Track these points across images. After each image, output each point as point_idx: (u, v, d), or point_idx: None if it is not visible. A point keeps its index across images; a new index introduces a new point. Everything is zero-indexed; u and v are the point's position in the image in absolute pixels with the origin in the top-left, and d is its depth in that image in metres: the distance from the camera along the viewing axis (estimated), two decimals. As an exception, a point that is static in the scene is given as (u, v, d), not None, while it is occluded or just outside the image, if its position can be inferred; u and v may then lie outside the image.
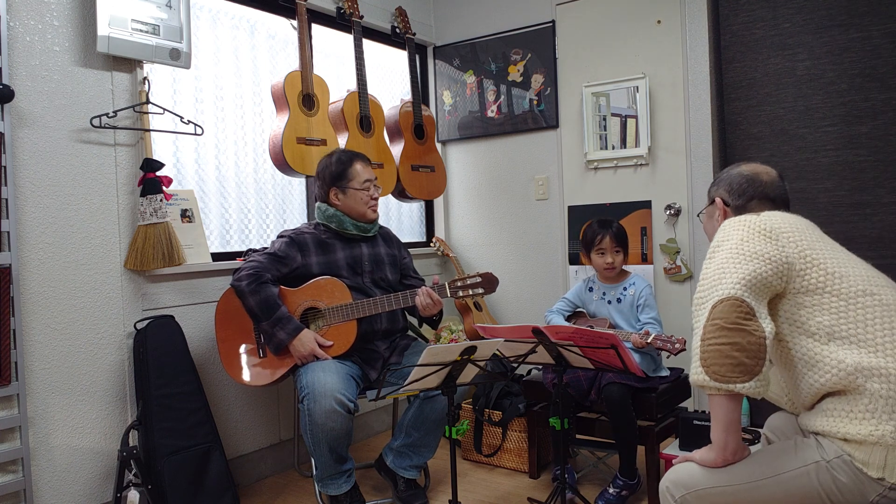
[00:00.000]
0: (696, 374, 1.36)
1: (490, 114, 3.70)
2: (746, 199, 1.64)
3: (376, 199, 2.58)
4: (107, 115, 2.34)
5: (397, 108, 3.41)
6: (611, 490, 2.46)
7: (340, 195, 2.54)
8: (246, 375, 2.43)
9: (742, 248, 1.42)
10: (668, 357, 2.53)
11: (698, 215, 1.85)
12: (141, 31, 2.35)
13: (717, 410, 1.37)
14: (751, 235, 1.45)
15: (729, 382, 1.31)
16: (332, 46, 3.41)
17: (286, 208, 3.23)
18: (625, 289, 2.65)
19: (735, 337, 1.32)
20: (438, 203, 3.98)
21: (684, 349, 2.39)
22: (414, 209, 3.98)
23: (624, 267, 2.71)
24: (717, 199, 1.69)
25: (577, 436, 2.64)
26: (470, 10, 3.75)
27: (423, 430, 2.44)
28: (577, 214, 3.43)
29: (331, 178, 2.54)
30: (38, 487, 2.19)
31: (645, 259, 3.23)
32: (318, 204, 2.61)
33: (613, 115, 3.27)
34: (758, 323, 1.33)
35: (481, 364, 1.95)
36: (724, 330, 1.33)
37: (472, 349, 1.88)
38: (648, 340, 2.43)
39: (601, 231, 2.64)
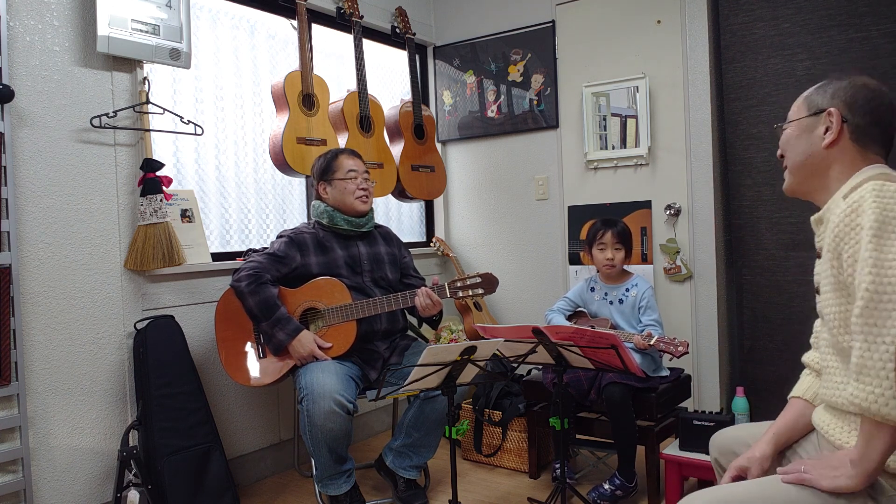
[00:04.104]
0: (888, 406, 1.11)
1: (490, 114, 3.70)
2: (871, 121, 1.31)
3: (365, 189, 2.57)
4: (107, 115, 2.34)
5: (397, 108, 3.41)
6: (606, 486, 2.46)
7: (328, 188, 2.57)
8: (246, 376, 2.43)
9: None
10: (670, 360, 2.54)
11: (777, 126, 1.48)
12: (141, 31, 2.35)
13: (885, 440, 1.15)
14: None
15: None
16: (332, 46, 3.41)
17: (286, 208, 3.23)
18: (627, 290, 2.65)
19: None
20: (438, 203, 3.98)
21: (687, 352, 2.39)
22: (414, 209, 3.98)
23: (626, 268, 2.71)
24: (835, 111, 1.33)
25: (577, 436, 2.64)
26: (470, 10, 3.75)
27: (423, 430, 2.44)
28: (577, 214, 3.43)
29: (318, 173, 2.59)
30: (38, 487, 2.19)
31: (645, 259, 3.23)
32: (313, 202, 2.63)
33: (613, 115, 3.27)
34: None
35: (481, 364, 1.95)
36: None
37: (472, 349, 1.88)
38: (651, 342, 2.43)
39: (604, 227, 2.65)
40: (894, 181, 1.22)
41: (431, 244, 3.80)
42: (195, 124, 2.59)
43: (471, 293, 2.45)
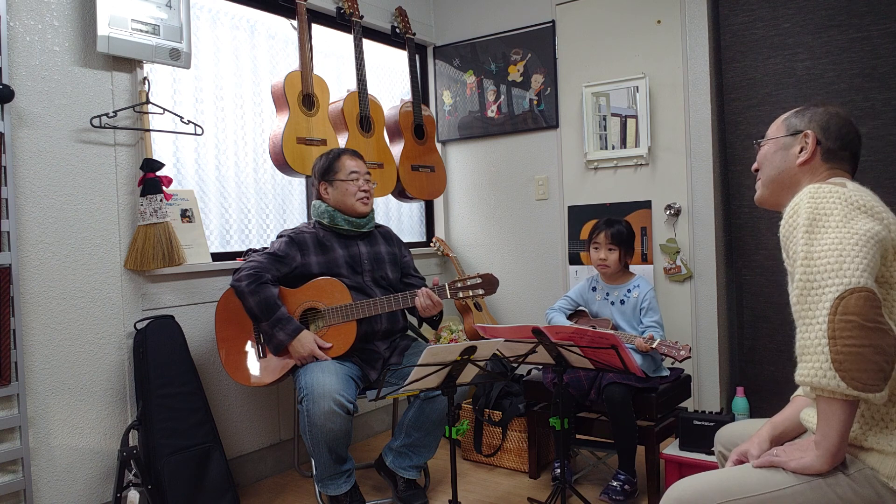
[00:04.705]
0: (826, 378, 1.18)
1: (490, 114, 3.70)
2: (840, 145, 1.45)
3: (366, 191, 2.57)
4: (107, 115, 2.34)
5: (397, 108, 3.41)
6: (614, 483, 2.46)
7: (329, 189, 2.57)
8: (246, 375, 2.43)
9: (853, 227, 1.23)
10: (672, 363, 2.54)
11: (756, 142, 1.59)
12: (141, 31, 2.35)
13: (837, 416, 1.21)
14: (852, 212, 1.26)
15: (869, 391, 1.16)
16: (332, 46, 3.41)
17: (286, 208, 3.23)
18: (629, 290, 2.64)
19: (876, 338, 1.15)
20: (438, 203, 3.98)
21: (689, 356, 2.39)
22: (414, 209, 3.98)
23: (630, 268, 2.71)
24: (811, 133, 1.46)
25: (577, 436, 2.64)
26: (470, 10, 3.75)
27: (424, 430, 2.44)
28: (577, 214, 3.43)
29: (320, 172, 2.59)
30: (38, 487, 2.19)
31: (645, 259, 3.23)
32: (313, 202, 2.63)
33: (613, 115, 3.27)
34: (886, 319, 1.18)
35: (481, 364, 1.95)
36: (863, 329, 1.15)
37: (472, 349, 1.88)
38: (654, 345, 2.43)
39: (600, 227, 2.66)
40: (837, 185, 1.32)
41: (431, 244, 3.80)
42: (195, 124, 2.59)
43: (471, 293, 2.45)
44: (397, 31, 3.56)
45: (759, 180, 1.57)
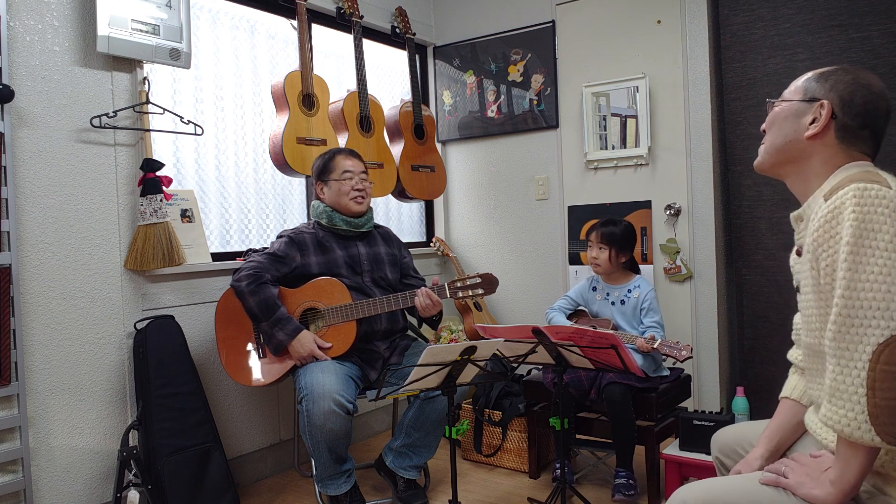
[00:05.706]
0: (860, 430, 1.10)
1: (490, 114, 3.70)
2: (860, 123, 1.27)
3: (360, 190, 2.56)
4: (107, 115, 2.34)
5: (397, 108, 3.41)
6: (620, 480, 2.45)
7: (325, 188, 2.58)
8: (246, 376, 2.43)
9: None
10: (673, 363, 2.53)
11: (769, 101, 1.41)
12: (141, 31, 2.35)
13: (860, 460, 1.14)
14: None
15: None
16: (332, 46, 3.41)
17: (286, 208, 3.23)
18: (629, 291, 2.64)
19: None
20: (438, 203, 3.98)
21: (690, 356, 2.39)
22: (414, 209, 3.98)
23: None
24: (827, 104, 1.28)
25: (577, 436, 2.64)
26: (470, 10, 3.75)
27: (424, 430, 2.44)
28: (577, 214, 3.43)
29: (316, 173, 2.60)
30: (38, 487, 2.19)
31: (645, 259, 3.23)
32: (312, 202, 2.64)
33: (613, 115, 3.27)
34: None
35: (481, 364, 1.95)
36: None
37: (472, 349, 1.88)
38: (655, 346, 2.43)
39: (595, 227, 2.68)
40: (878, 181, 1.16)
41: (431, 244, 3.80)
42: (195, 124, 2.59)
43: (471, 293, 2.45)
44: (397, 31, 3.56)
45: (763, 145, 1.40)
